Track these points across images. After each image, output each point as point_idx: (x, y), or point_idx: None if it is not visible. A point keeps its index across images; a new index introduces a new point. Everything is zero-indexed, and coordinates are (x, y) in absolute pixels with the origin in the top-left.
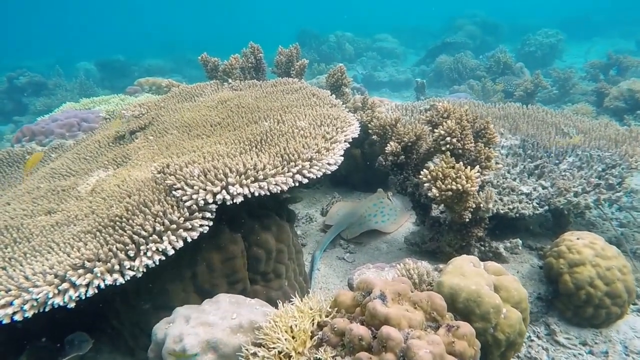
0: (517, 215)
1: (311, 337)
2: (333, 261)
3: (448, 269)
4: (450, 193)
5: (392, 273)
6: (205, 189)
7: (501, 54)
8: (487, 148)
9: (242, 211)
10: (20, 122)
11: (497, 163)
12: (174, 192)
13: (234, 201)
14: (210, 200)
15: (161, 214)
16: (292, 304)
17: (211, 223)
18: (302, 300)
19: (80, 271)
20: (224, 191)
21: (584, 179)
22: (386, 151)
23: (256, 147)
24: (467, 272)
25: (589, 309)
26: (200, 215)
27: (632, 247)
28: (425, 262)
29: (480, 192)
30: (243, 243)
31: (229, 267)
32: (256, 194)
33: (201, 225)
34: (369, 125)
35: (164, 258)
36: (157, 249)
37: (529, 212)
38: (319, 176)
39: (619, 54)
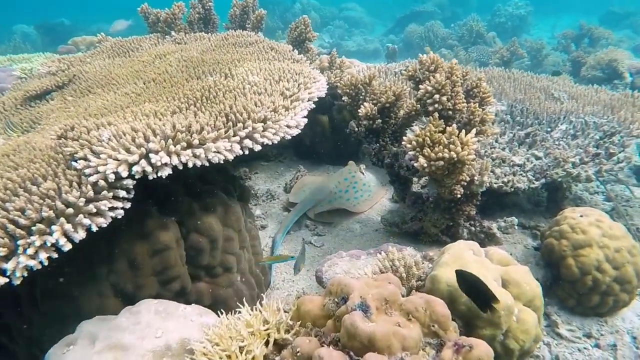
0: (512, 189)
1: None
2: (298, 246)
3: (444, 259)
4: (441, 163)
5: (370, 264)
6: (117, 159)
7: (474, 23)
8: (481, 109)
9: (178, 188)
10: None
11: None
12: (74, 163)
13: (159, 174)
14: (125, 174)
15: (52, 193)
16: (239, 315)
17: (128, 205)
18: (253, 310)
19: None
20: (143, 161)
21: (581, 148)
22: (359, 114)
23: (194, 106)
24: (468, 263)
25: (595, 297)
26: (111, 194)
27: (631, 223)
28: (411, 248)
29: (474, 163)
30: (179, 229)
31: (159, 262)
32: (190, 164)
33: (113, 208)
34: (339, 84)
35: (56, 255)
36: (44, 244)
37: (524, 186)
38: (275, 141)
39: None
